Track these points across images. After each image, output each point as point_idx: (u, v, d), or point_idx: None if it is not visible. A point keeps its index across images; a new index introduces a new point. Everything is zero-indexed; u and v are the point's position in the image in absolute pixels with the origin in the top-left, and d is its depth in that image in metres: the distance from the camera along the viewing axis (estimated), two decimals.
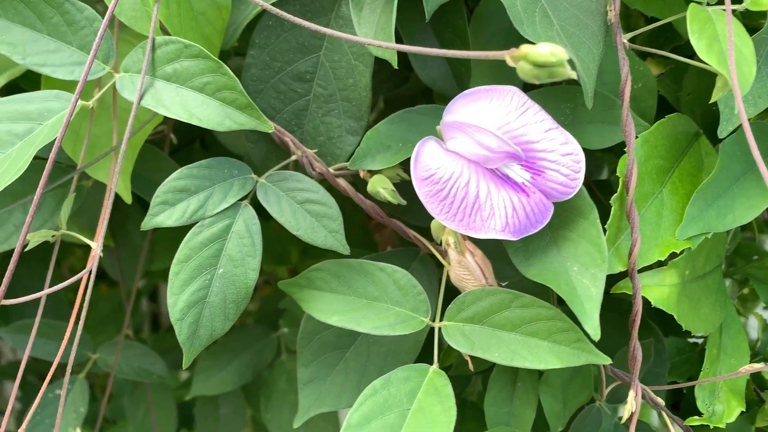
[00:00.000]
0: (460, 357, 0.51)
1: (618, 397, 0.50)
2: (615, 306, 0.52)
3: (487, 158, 0.37)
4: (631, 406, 0.39)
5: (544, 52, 0.30)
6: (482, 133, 0.36)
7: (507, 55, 0.31)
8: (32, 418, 0.63)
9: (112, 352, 0.63)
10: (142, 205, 0.69)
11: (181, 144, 0.59)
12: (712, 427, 0.44)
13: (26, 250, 0.44)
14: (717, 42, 0.35)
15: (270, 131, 0.37)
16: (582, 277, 0.37)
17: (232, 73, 0.36)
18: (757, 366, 0.44)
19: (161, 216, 0.39)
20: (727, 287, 0.52)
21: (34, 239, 0.43)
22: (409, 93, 0.51)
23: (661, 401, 0.45)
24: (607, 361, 0.37)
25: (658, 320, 0.54)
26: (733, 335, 0.47)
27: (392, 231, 0.69)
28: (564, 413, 0.47)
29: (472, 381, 0.57)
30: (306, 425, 0.66)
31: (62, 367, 0.76)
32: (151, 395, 0.73)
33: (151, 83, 0.37)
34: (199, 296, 0.39)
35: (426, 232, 0.44)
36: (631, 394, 0.39)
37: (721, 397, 0.45)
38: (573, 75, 0.30)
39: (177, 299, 0.39)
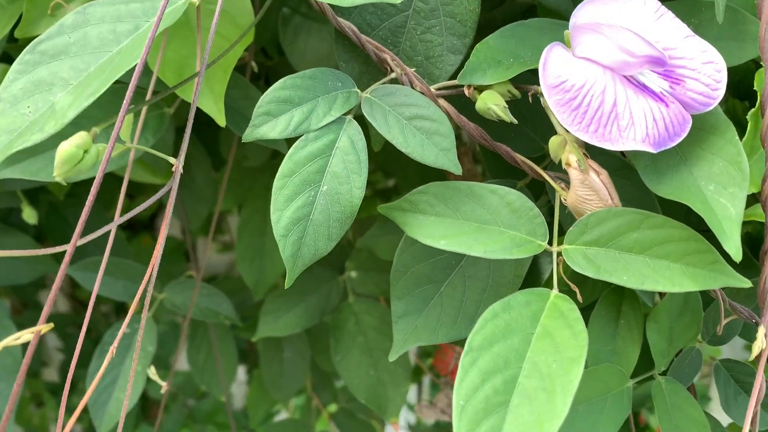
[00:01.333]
0: None
1: (721, 339, 0.47)
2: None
3: (625, 63, 0.33)
4: (761, 342, 0.36)
5: None
6: (622, 35, 0.33)
7: None
8: (97, 359, 0.61)
9: (178, 291, 0.60)
10: (206, 146, 0.66)
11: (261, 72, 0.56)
12: None
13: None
14: None
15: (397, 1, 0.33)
16: (719, 196, 0.34)
17: None
18: None
19: (264, 127, 0.36)
20: None
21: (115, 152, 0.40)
22: (502, 17, 0.48)
23: None
24: (748, 284, 0.34)
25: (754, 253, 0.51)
26: None
27: (470, 173, 0.66)
28: (669, 351, 0.44)
29: None
30: (377, 367, 0.64)
31: (122, 307, 0.72)
32: (216, 337, 0.70)
33: None
34: (304, 213, 0.36)
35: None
36: (761, 330, 0.36)
37: None
38: None
39: (281, 215, 0.35)
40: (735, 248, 0.33)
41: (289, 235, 0.36)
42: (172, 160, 0.36)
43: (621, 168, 0.41)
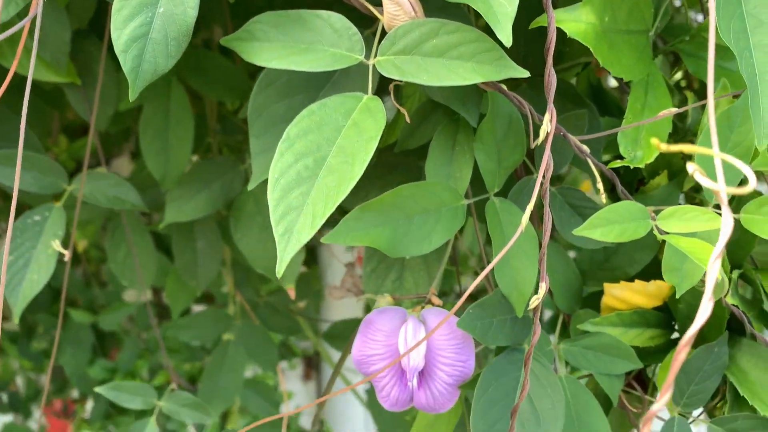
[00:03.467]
0: (403, 134, 0.52)
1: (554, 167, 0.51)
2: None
3: None
4: (546, 126, 0.40)
5: None
6: None
7: None
8: (13, 241, 0.63)
9: (86, 182, 0.63)
10: (109, 51, 0.68)
11: None
12: (632, 167, 0.46)
13: None
14: None
15: None
16: None
17: None
18: (674, 110, 0.45)
19: None
20: (658, 62, 0.53)
21: None
22: None
23: (586, 148, 0.46)
24: (526, 74, 0.39)
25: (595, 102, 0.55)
26: (658, 96, 0.49)
27: None
28: (500, 172, 0.49)
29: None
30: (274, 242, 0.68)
31: (40, 198, 0.75)
32: (131, 232, 0.73)
33: None
34: (142, 32, 0.39)
35: None
36: (547, 116, 0.40)
37: (642, 144, 0.46)
38: None
39: (120, 33, 0.39)
40: (507, 36, 0.37)
41: (129, 51, 0.39)
42: None
43: None
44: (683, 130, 0.57)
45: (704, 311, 0.24)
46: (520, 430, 0.45)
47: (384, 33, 0.43)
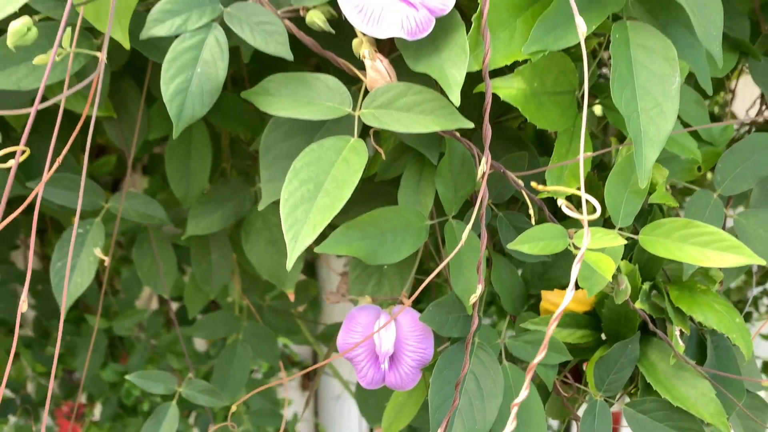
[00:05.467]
0: (381, 168, 0.63)
1: (501, 196, 0.63)
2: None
3: None
4: (483, 167, 0.51)
5: None
6: None
7: None
8: (58, 252, 0.73)
9: (120, 200, 0.74)
10: (137, 82, 0.79)
11: None
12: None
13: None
14: None
15: None
16: (451, 68, 0.49)
17: None
18: (590, 154, 0.56)
19: (155, 29, 0.50)
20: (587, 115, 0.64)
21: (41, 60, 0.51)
22: None
23: (520, 182, 0.57)
24: (470, 125, 0.50)
25: (535, 145, 0.67)
26: (580, 143, 0.60)
27: None
28: (456, 200, 0.60)
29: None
30: (279, 253, 0.78)
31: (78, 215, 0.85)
32: (156, 245, 0.84)
33: None
34: (183, 86, 0.50)
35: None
36: (484, 160, 0.51)
37: (565, 181, 0.58)
38: None
39: (168, 87, 0.50)
40: (455, 99, 0.48)
41: (174, 101, 0.50)
42: (97, 54, 0.50)
43: (397, 58, 0.55)
44: (609, 166, 0.68)
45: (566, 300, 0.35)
46: (467, 402, 0.56)
47: (366, 91, 0.55)
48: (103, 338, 1.54)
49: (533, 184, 0.38)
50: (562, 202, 0.36)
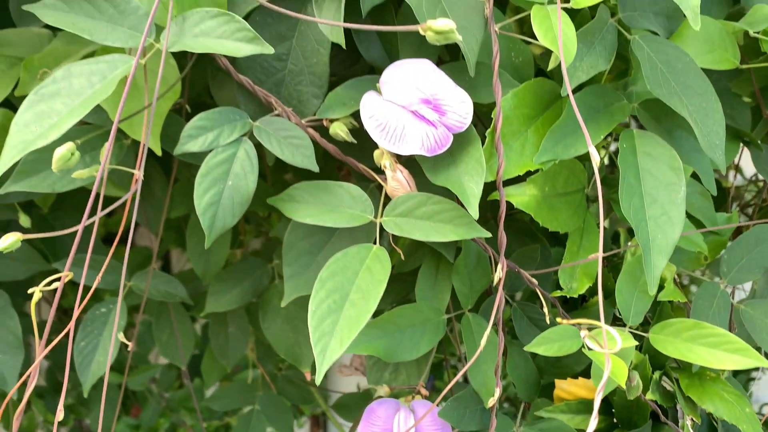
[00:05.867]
0: (398, 263, 0.65)
1: (515, 287, 0.65)
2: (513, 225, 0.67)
3: (409, 104, 0.51)
4: (499, 273, 0.53)
5: (441, 24, 0.45)
6: (407, 87, 0.51)
7: (419, 27, 0.46)
8: (81, 331, 0.75)
9: (143, 279, 0.75)
10: (163, 167, 0.82)
11: (194, 113, 0.72)
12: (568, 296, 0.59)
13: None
14: (551, 30, 0.50)
15: (271, 52, 0.49)
16: (469, 182, 0.52)
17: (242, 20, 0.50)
18: (602, 254, 0.59)
19: (188, 144, 0.53)
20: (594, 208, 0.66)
21: (81, 174, 0.54)
22: (355, 73, 0.66)
23: (534, 281, 0.59)
24: (488, 234, 0.52)
25: (546, 236, 0.69)
26: (591, 239, 0.62)
27: (350, 175, 0.83)
28: (472, 294, 0.61)
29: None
30: (295, 331, 0.79)
31: (97, 293, 0.88)
32: (175, 319, 0.85)
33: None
34: (216, 198, 0.53)
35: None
36: (499, 267, 0.53)
37: (577, 278, 0.60)
38: (460, 39, 0.45)
39: (201, 200, 0.52)
40: (474, 211, 0.51)
41: (206, 213, 0.53)
42: (136, 172, 0.53)
43: (418, 169, 0.58)
44: (620, 256, 0.70)
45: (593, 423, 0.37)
46: None
47: (387, 197, 0.57)
48: (116, 392, 1.55)
49: (559, 320, 0.40)
50: (585, 334, 0.38)
